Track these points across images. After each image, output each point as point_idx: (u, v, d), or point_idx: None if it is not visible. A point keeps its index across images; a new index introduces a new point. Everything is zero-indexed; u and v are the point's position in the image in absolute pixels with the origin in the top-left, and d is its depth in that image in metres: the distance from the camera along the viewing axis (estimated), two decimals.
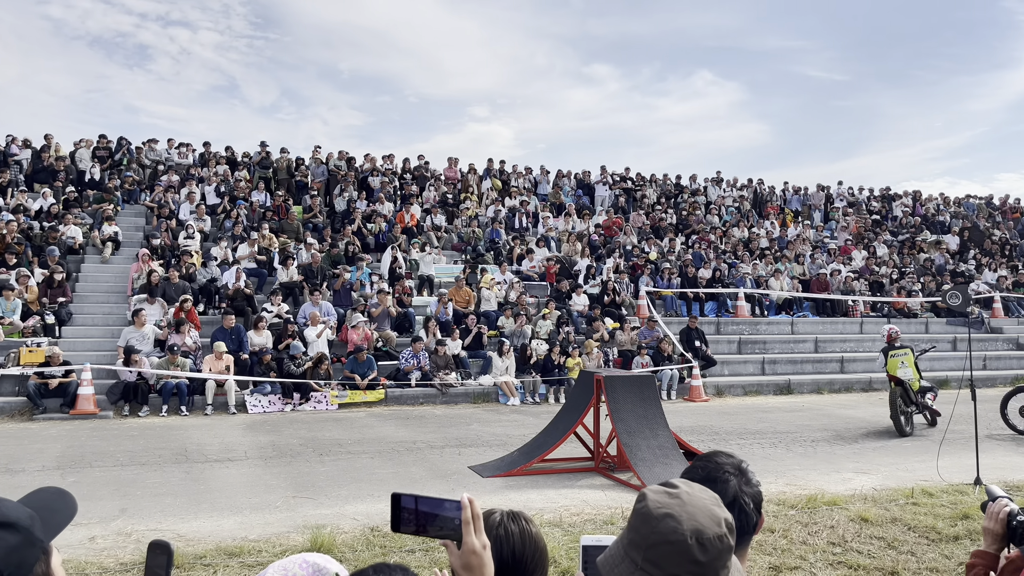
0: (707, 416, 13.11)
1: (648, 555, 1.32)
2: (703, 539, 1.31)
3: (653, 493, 1.38)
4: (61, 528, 1.34)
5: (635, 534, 1.34)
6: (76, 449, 9.61)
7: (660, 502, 1.36)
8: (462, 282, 17.25)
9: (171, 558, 1.46)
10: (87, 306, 15.22)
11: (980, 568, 2.55)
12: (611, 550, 1.40)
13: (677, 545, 1.30)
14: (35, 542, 1.28)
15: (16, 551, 1.25)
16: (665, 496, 1.37)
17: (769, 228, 24.22)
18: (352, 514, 6.81)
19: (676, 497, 1.36)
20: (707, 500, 1.38)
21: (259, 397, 13.10)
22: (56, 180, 18.80)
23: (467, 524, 1.52)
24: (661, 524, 1.32)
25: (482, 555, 1.52)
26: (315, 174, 21.88)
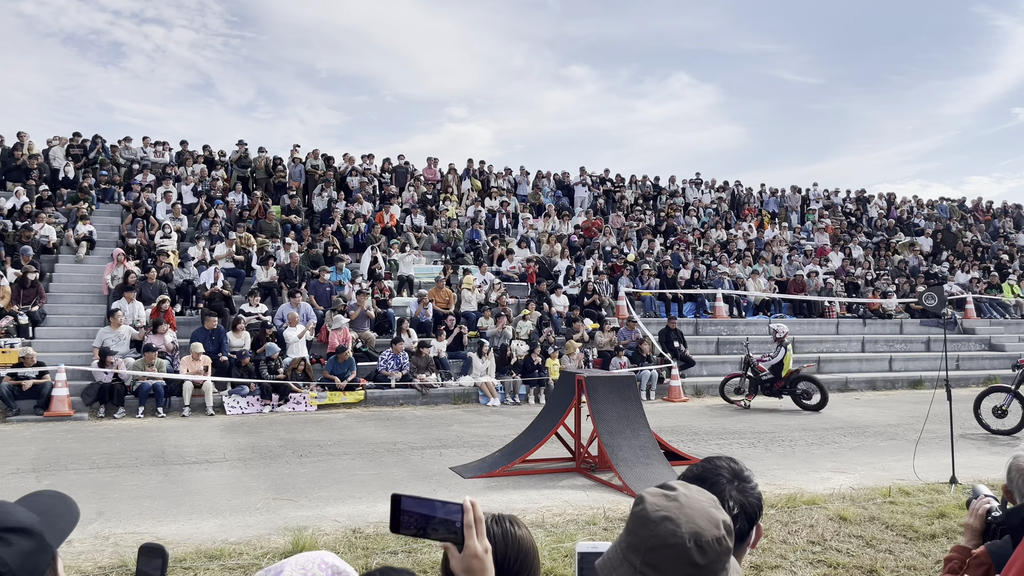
0: (686, 416, 13.19)
1: (647, 558, 1.32)
2: (701, 541, 1.31)
3: (651, 496, 1.38)
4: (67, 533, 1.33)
5: (633, 537, 1.35)
6: (51, 451, 9.47)
7: (658, 505, 1.36)
8: (442, 283, 17.22)
9: (166, 561, 1.45)
10: (61, 306, 15.01)
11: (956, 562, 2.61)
12: (609, 553, 1.41)
13: (676, 548, 1.30)
14: (46, 547, 1.27)
15: (30, 556, 1.24)
16: (663, 499, 1.37)
17: (747, 230, 24.41)
18: (333, 516, 6.78)
19: (674, 500, 1.37)
20: (705, 502, 1.39)
21: (237, 398, 12.99)
22: (29, 178, 18.50)
23: (469, 527, 1.52)
24: (659, 527, 1.32)
25: (484, 559, 1.52)
26: (293, 174, 21.73)
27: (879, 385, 17.44)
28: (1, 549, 1.21)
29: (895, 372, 18.27)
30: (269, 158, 21.82)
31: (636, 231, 22.53)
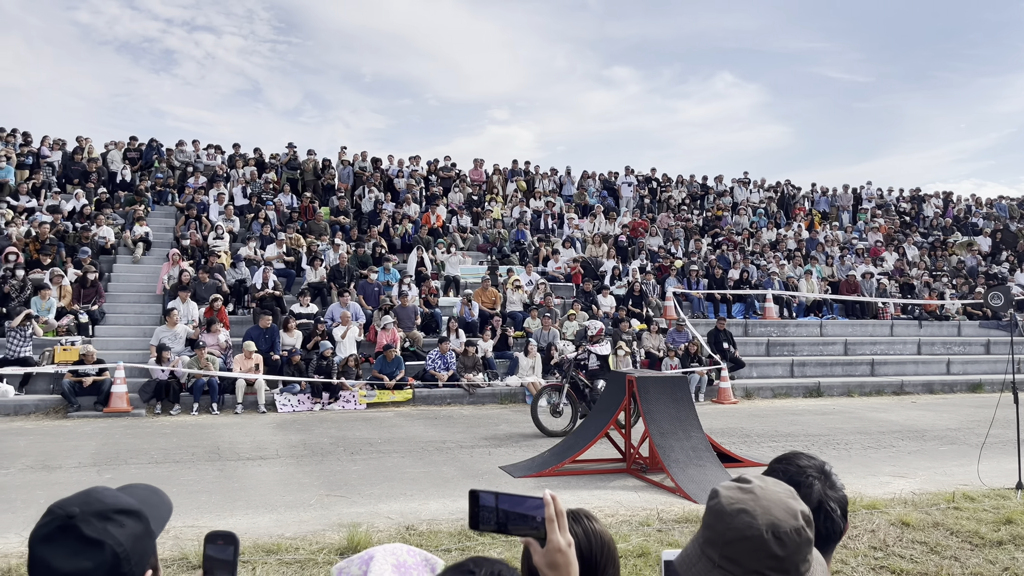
0: (737, 418, 13.00)
1: (725, 552, 1.30)
2: (779, 533, 1.28)
3: (726, 489, 1.36)
4: (164, 524, 1.36)
5: (710, 531, 1.33)
6: (111, 447, 9.71)
7: (733, 498, 1.33)
8: (488, 283, 17.25)
9: (238, 547, 1.46)
10: (119, 305, 15.39)
11: None
12: (687, 549, 1.38)
13: (753, 540, 1.28)
14: (151, 533, 1.30)
15: (140, 540, 1.28)
16: (738, 491, 1.35)
17: (797, 229, 23.99)
18: (386, 513, 6.82)
19: (749, 492, 1.34)
20: (782, 493, 1.36)
21: (288, 396, 13.18)
22: (88, 181, 19.04)
23: (551, 521, 1.50)
24: (736, 520, 1.30)
25: (567, 553, 1.49)
26: (342, 175, 22.00)
27: (936, 388, 16.97)
28: (115, 529, 1.25)
29: (953, 375, 17.77)
30: (318, 160, 22.14)
31: (683, 231, 22.30)
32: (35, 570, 1.21)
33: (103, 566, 1.22)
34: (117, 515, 1.27)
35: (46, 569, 1.20)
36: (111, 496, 1.30)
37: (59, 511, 1.25)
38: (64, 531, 1.23)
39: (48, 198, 18.10)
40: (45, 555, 1.21)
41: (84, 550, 1.22)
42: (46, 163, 19.50)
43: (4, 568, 5.18)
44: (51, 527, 1.23)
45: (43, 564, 1.20)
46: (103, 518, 1.25)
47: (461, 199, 22.35)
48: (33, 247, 15.52)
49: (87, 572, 1.21)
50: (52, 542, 1.22)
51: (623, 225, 22.18)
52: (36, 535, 1.24)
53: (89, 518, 1.24)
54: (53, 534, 1.23)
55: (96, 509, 1.26)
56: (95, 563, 1.22)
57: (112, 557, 1.23)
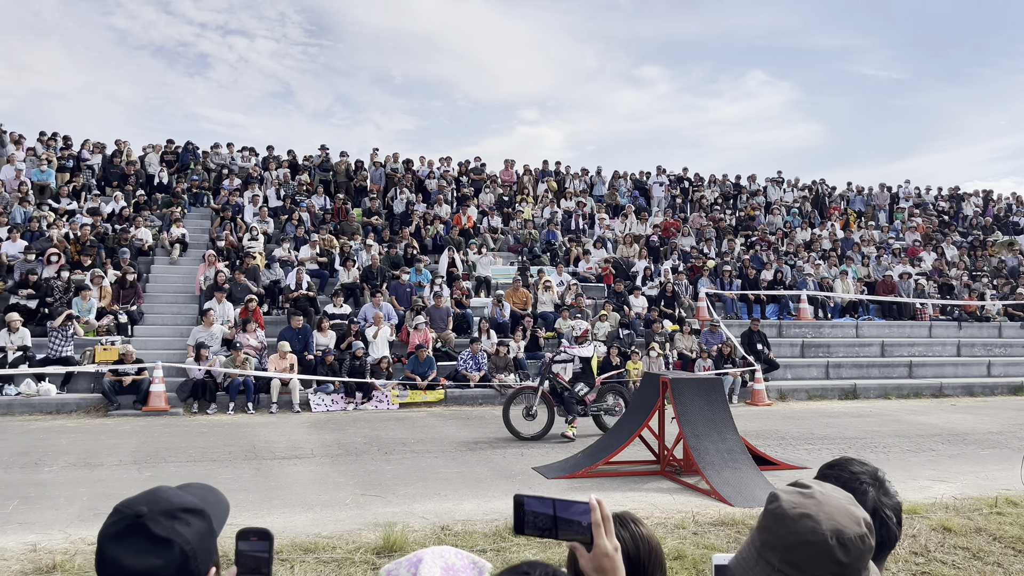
0: (771, 420, 12.86)
1: (786, 556, 1.28)
2: (844, 539, 1.27)
3: (786, 493, 1.35)
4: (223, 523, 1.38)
5: (770, 535, 1.31)
6: (150, 445, 9.88)
7: (795, 502, 1.32)
8: (519, 283, 17.26)
9: (272, 543, 1.46)
10: (157, 306, 15.65)
11: None
12: (742, 553, 1.37)
13: (817, 546, 1.26)
14: (214, 531, 1.32)
15: (205, 538, 1.30)
16: (799, 496, 1.33)
17: (831, 229, 23.66)
18: (421, 513, 6.85)
19: (811, 497, 1.32)
20: (843, 500, 1.34)
21: (322, 396, 13.30)
22: (127, 184, 19.39)
23: (597, 526, 1.49)
24: (798, 524, 1.28)
25: (614, 557, 1.49)
26: (373, 177, 22.16)
27: (977, 391, 16.64)
28: (182, 528, 1.27)
29: (994, 377, 17.42)
30: (350, 162, 22.32)
31: (716, 231, 22.11)
32: (106, 568, 1.24)
33: (172, 564, 1.25)
34: (183, 514, 1.30)
35: (117, 567, 1.23)
36: (176, 495, 1.33)
37: (127, 510, 1.28)
38: (134, 530, 1.25)
39: (88, 200, 18.47)
40: (115, 553, 1.24)
41: (153, 548, 1.25)
42: (86, 166, 19.90)
43: (49, 564, 5.30)
44: (120, 526, 1.26)
45: (114, 562, 1.23)
46: (170, 517, 1.28)
47: (492, 200, 22.39)
48: (74, 248, 15.85)
49: (157, 570, 1.24)
50: (122, 540, 1.25)
51: (655, 225, 22.06)
52: (105, 534, 1.27)
53: (157, 517, 1.27)
54: (123, 532, 1.25)
55: (163, 508, 1.28)
56: (165, 561, 1.25)
57: (181, 555, 1.26)
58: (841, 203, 26.27)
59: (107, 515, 1.31)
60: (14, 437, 10.23)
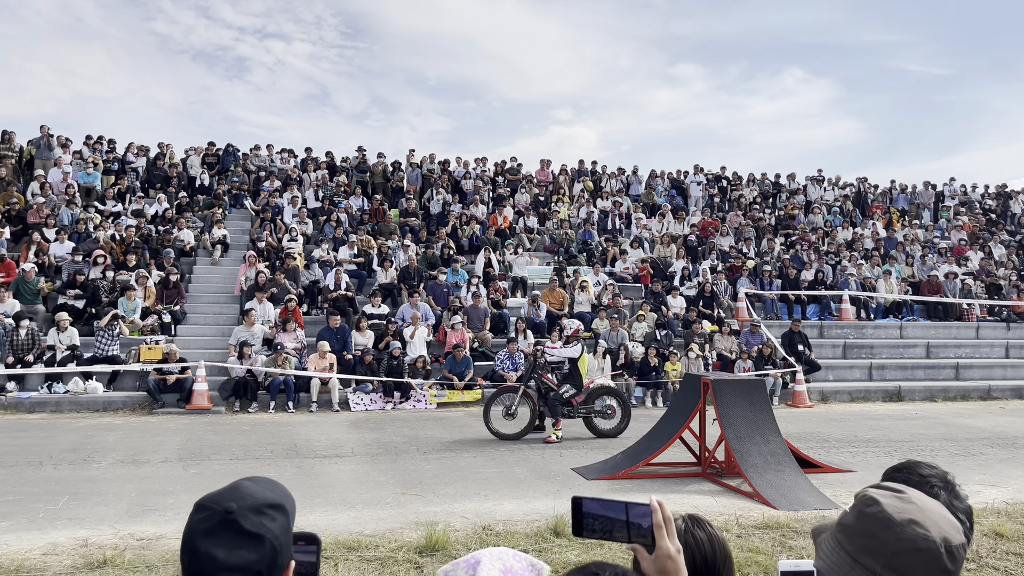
0: (813, 422, 12.66)
1: (891, 563, 1.24)
2: (951, 547, 1.23)
3: (884, 497, 1.30)
4: (294, 518, 1.38)
5: (871, 540, 1.26)
6: (194, 442, 10.04)
7: (898, 507, 1.28)
8: (555, 283, 17.22)
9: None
10: (199, 306, 15.91)
11: None
12: (831, 557, 1.32)
13: (928, 553, 1.22)
14: (291, 526, 1.34)
15: (286, 531, 1.32)
16: (898, 501, 1.29)
17: (874, 228, 23.23)
18: (461, 512, 6.86)
19: (910, 502, 1.28)
20: (938, 506, 1.30)
21: (361, 395, 13.40)
22: (170, 186, 19.74)
23: (659, 528, 1.47)
24: (907, 530, 1.24)
25: (677, 559, 1.46)
26: (410, 177, 22.28)
27: None
28: (269, 523, 1.30)
29: None
30: (387, 163, 22.47)
31: (755, 230, 21.83)
32: (200, 563, 1.25)
33: (264, 559, 1.27)
34: (268, 509, 1.31)
35: (213, 563, 1.24)
36: (259, 491, 1.34)
37: (215, 506, 1.29)
38: (225, 526, 1.27)
39: (132, 202, 18.84)
40: (210, 549, 1.25)
41: (246, 543, 1.27)
42: (131, 169, 20.31)
43: (99, 559, 5.40)
44: (211, 522, 1.27)
45: (209, 558, 1.24)
46: (258, 512, 1.30)
47: (528, 200, 22.38)
48: (119, 249, 16.18)
49: (251, 564, 1.26)
50: (214, 536, 1.26)
51: (692, 225, 21.85)
52: (196, 530, 1.28)
53: (246, 513, 1.29)
54: (214, 529, 1.27)
55: (250, 504, 1.30)
56: (258, 555, 1.27)
57: (271, 549, 1.28)
58: (884, 202, 25.78)
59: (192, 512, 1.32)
60: (63, 434, 10.47)
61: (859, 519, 1.30)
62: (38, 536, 6.01)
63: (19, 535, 6.03)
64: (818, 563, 1.34)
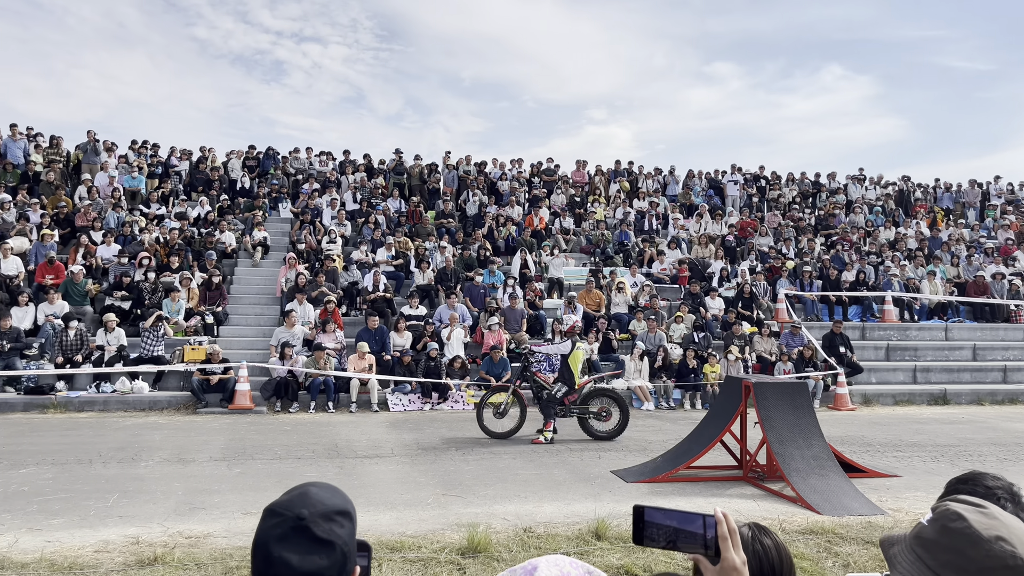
0: (856, 426, 12.46)
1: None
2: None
3: (969, 512, 1.27)
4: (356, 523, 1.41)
5: (957, 556, 1.24)
6: (237, 442, 10.20)
7: (984, 523, 1.25)
8: (592, 285, 17.17)
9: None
10: (240, 307, 16.17)
11: None
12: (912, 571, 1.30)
13: (1017, 571, 1.20)
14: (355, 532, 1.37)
15: (352, 537, 1.35)
16: (983, 516, 1.27)
17: (917, 228, 22.78)
18: (502, 514, 6.88)
19: (995, 518, 1.26)
20: (1020, 523, 1.28)
21: (400, 396, 13.51)
22: (212, 189, 20.09)
23: (724, 540, 1.46)
24: (995, 547, 1.22)
25: (742, 571, 1.46)
26: (447, 179, 22.39)
27: None
28: (338, 529, 1.34)
29: None
30: (423, 165, 22.60)
31: (795, 230, 21.54)
32: (274, 568, 1.28)
33: (335, 564, 1.31)
34: (337, 516, 1.35)
35: (287, 568, 1.27)
36: (327, 497, 1.37)
37: (287, 513, 1.32)
38: (297, 532, 1.30)
39: (175, 205, 19.21)
40: (283, 554, 1.28)
41: (318, 549, 1.30)
42: (174, 172, 20.70)
43: (150, 556, 5.51)
44: (284, 528, 1.30)
45: (283, 563, 1.28)
46: (328, 519, 1.33)
47: (564, 201, 22.35)
48: (163, 252, 16.51)
49: (323, 570, 1.29)
50: (287, 542, 1.29)
51: (730, 225, 21.64)
52: (270, 536, 1.31)
53: (317, 519, 1.32)
54: (287, 535, 1.30)
55: (320, 511, 1.33)
56: (329, 561, 1.30)
57: (341, 555, 1.32)
58: (928, 201, 25.27)
59: (262, 518, 1.35)
60: (111, 433, 10.71)
61: (943, 534, 1.27)
62: (90, 533, 6.16)
63: (72, 532, 6.19)
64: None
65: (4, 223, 16.91)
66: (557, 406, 10.71)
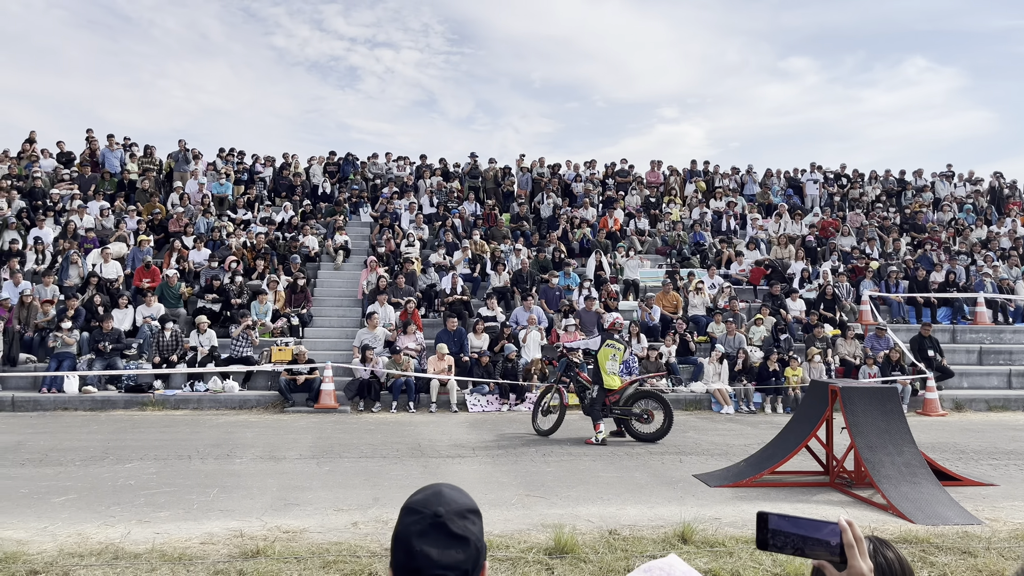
0: (947, 432, 12.04)
1: None
2: None
3: None
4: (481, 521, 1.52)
5: None
6: (324, 440, 10.55)
7: None
8: (669, 286, 17.04)
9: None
10: (324, 309, 16.66)
11: None
12: None
13: None
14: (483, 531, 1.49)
15: (482, 535, 1.47)
16: None
17: (1011, 226, 21.80)
18: (586, 516, 6.94)
19: None
20: None
21: (478, 397, 13.71)
22: (294, 194, 20.75)
23: (851, 547, 1.50)
24: None
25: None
26: (520, 182, 22.55)
27: None
28: (471, 526, 1.45)
29: None
30: (497, 168, 22.81)
31: (878, 230, 20.89)
32: (416, 561, 1.40)
33: (471, 559, 1.41)
34: (469, 514, 1.46)
35: (428, 560, 1.39)
36: (459, 497, 1.49)
37: (425, 510, 1.44)
38: (436, 528, 1.41)
39: (261, 211, 19.91)
40: (424, 547, 1.40)
41: (455, 544, 1.41)
42: (259, 178, 21.46)
43: (253, 549, 5.78)
44: (423, 524, 1.42)
45: (424, 556, 1.39)
46: (462, 516, 1.44)
47: (638, 201, 22.23)
48: (250, 256, 17.15)
49: (460, 563, 1.40)
50: (427, 537, 1.41)
51: (810, 225, 21.13)
52: (411, 531, 1.42)
53: (452, 516, 1.43)
54: (427, 531, 1.41)
55: (455, 509, 1.44)
56: (465, 555, 1.41)
57: (475, 551, 1.43)
58: (1021, 198, 24.13)
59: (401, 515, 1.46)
60: (206, 430, 11.21)
61: None
62: (195, 526, 6.49)
63: (178, 524, 6.53)
64: None
65: (104, 229, 17.85)
66: (599, 407, 10.72)
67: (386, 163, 23.00)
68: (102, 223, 18.08)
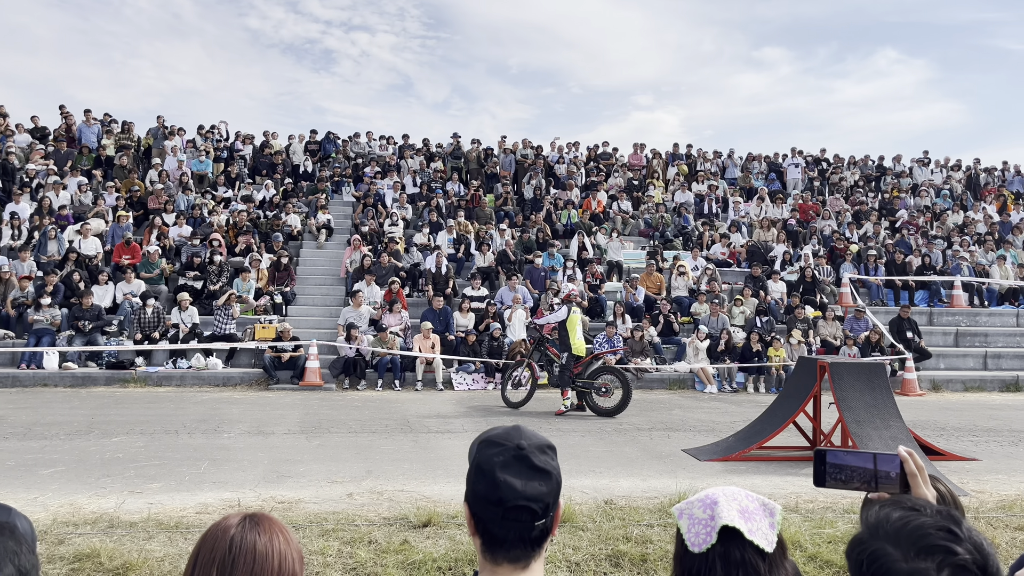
0: (927, 411, 12.25)
1: None
2: None
3: None
4: None
5: None
6: (311, 416, 10.49)
7: None
8: (652, 268, 17.12)
9: None
10: (307, 287, 16.53)
11: None
12: None
13: None
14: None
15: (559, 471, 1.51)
16: None
17: (986, 212, 22.13)
18: (580, 488, 6.98)
19: None
20: None
21: (464, 375, 13.70)
22: (275, 172, 20.50)
23: (914, 476, 1.51)
24: None
25: None
26: (504, 163, 22.46)
27: None
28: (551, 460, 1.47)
29: None
30: (481, 149, 22.71)
31: (857, 214, 21.10)
32: (501, 491, 1.39)
33: (552, 491, 1.43)
34: (548, 449, 1.46)
35: (512, 491, 1.38)
36: (535, 433, 1.49)
37: (507, 443, 1.43)
38: (518, 460, 1.41)
39: (241, 188, 19.66)
40: (508, 478, 1.40)
41: (538, 476, 1.42)
42: (239, 156, 21.17)
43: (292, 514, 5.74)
44: (506, 456, 1.42)
45: (508, 486, 1.38)
46: (542, 451, 1.44)
47: (621, 184, 22.26)
48: (231, 233, 16.95)
49: (543, 495, 1.41)
50: (511, 468, 1.40)
51: (792, 209, 21.30)
52: (494, 462, 1.42)
53: (534, 450, 1.43)
54: (510, 462, 1.41)
55: (536, 444, 1.44)
56: (547, 488, 1.42)
57: (556, 484, 1.44)
58: (996, 184, 24.50)
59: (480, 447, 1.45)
60: (191, 406, 11.11)
61: None
62: (188, 496, 6.44)
63: (171, 495, 6.48)
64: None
65: (81, 205, 17.54)
66: (568, 373, 11.09)
67: (368, 142, 22.80)
68: (80, 199, 17.75)
